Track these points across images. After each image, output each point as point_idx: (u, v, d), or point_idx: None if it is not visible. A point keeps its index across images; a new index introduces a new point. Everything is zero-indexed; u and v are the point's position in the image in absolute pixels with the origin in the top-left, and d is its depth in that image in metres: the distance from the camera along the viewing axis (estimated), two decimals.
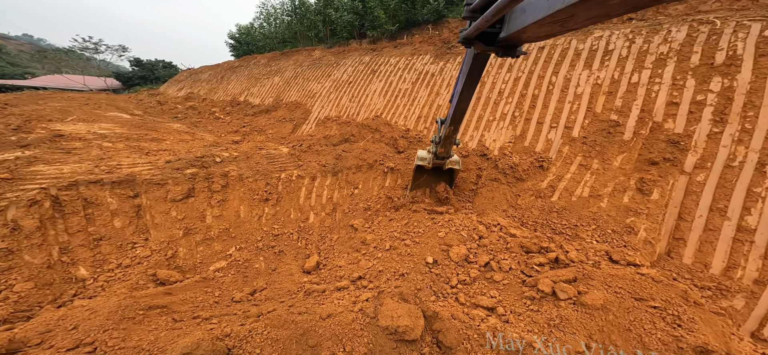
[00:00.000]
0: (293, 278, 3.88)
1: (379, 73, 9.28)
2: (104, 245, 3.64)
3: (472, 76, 2.36)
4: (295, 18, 17.55)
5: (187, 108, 12.95)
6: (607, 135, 4.54)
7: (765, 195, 3.35)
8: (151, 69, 35.72)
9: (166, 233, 3.89)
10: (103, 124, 6.86)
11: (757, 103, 3.72)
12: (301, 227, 5.01)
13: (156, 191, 4.01)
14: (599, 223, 3.83)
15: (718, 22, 4.47)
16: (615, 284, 2.51)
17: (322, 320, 2.60)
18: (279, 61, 14.83)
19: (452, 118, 3.22)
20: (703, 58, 4.34)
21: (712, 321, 2.23)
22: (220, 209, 4.44)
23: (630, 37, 5.20)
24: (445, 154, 4.16)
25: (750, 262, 3.21)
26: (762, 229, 3.25)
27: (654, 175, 3.94)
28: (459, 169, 4.63)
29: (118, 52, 35.21)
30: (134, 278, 3.43)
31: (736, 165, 3.61)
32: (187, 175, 4.31)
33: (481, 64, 2.21)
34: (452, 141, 3.81)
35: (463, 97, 2.70)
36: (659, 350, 2.02)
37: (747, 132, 3.67)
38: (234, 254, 4.21)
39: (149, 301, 2.75)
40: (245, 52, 22.03)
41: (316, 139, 7.33)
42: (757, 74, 3.84)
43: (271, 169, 5.45)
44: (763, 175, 3.42)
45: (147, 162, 4.48)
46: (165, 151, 5.32)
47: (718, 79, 4.09)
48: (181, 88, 21.10)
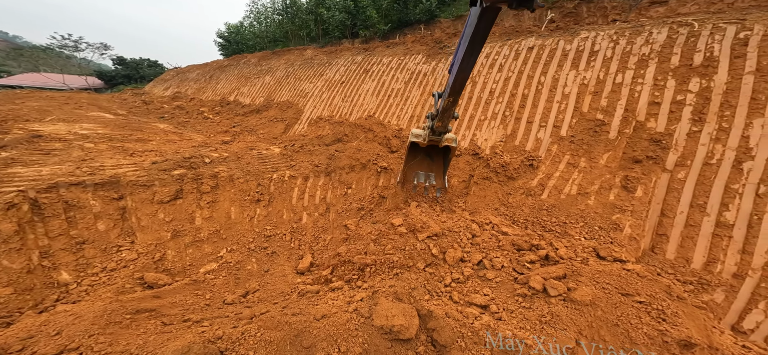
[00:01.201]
0: (286, 279, 3.84)
1: (372, 72, 9.28)
2: (88, 249, 3.51)
3: (475, 39, 2.08)
4: (287, 17, 17.37)
5: (174, 108, 12.61)
6: (594, 134, 4.68)
7: (742, 191, 3.52)
8: (136, 68, 34.64)
9: (153, 236, 3.79)
10: (85, 125, 6.61)
11: (733, 103, 3.91)
12: (294, 227, 4.97)
13: (142, 193, 3.89)
14: (587, 220, 3.94)
15: (696, 25, 4.67)
16: (602, 280, 2.58)
17: (317, 321, 2.58)
18: (270, 61, 14.63)
19: (452, 89, 2.95)
20: (683, 60, 4.52)
21: (695, 315, 2.32)
22: (210, 210, 4.35)
23: (614, 38, 5.38)
24: (442, 128, 3.86)
25: (729, 256, 3.36)
26: (739, 224, 3.41)
27: (638, 173, 4.09)
28: (455, 147, 4.36)
29: (99, 50, 34.01)
30: (120, 281, 3.32)
31: (714, 163, 3.78)
32: (174, 176, 4.21)
33: (486, 24, 1.93)
34: (451, 114, 3.53)
35: (464, 65, 2.44)
36: (646, 344, 2.09)
37: (724, 131, 3.85)
38: (225, 256, 4.14)
39: (137, 304, 2.67)
40: (235, 52, 21.65)
41: (309, 139, 7.27)
42: (733, 75, 4.03)
43: (263, 170, 5.37)
44: (740, 173, 3.59)
45: (132, 163, 4.34)
46: (151, 152, 5.17)
47: (696, 80, 4.28)
48: (168, 88, 20.55)
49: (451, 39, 8.62)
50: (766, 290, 3.10)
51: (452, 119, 3.73)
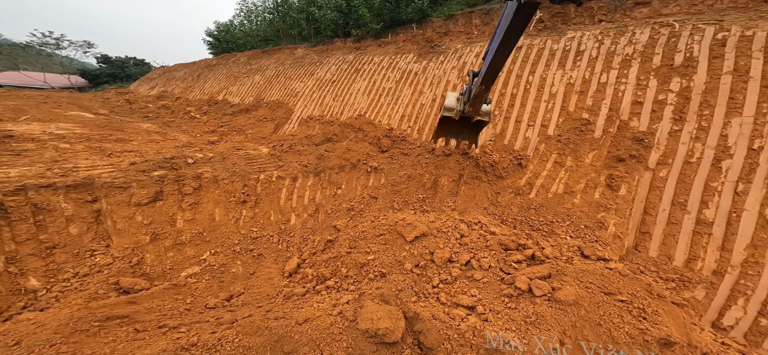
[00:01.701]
0: (273, 281, 3.76)
1: (363, 71, 9.22)
2: (58, 254, 3.34)
3: (510, 33, 2.00)
4: (278, 16, 17.15)
5: (159, 107, 12.27)
6: (580, 133, 4.73)
7: (721, 190, 3.60)
8: (121, 66, 33.70)
9: (130, 239, 3.63)
10: (62, 124, 6.34)
11: (712, 103, 4.00)
12: (281, 228, 4.87)
13: (118, 195, 3.73)
14: (573, 219, 3.97)
15: (676, 25, 4.78)
16: (586, 279, 2.59)
17: (299, 325, 2.51)
18: (260, 60, 14.40)
19: (484, 77, 2.97)
20: (664, 60, 4.62)
21: (675, 313, 2.34)
22: (192, 212, 4.21)
23: (599, 38, 5.46)
24: (473, 114, 3.88)
25: (709, 254, 3.42)
26: (719, 222, 3.49)
27: (621, 172, 4.14)
28: (488, 122, 4.27)
29: (83, 48, 32.93)
30: (93, 287, 3.17)
31: (694, 161, 3.86)
32: (154, 177, 4.05)
33: (523, 19, 1.82)
34: (482, 100, 3.55)
35: (498, 55, 2.40)
36: (627, 343, 2.09)
37: (703, 130, 3.94)
38: (208, 259, 4.02)
39: (108, 311, 2.54)
40: (224, 50, 21.27)
41: (298, 138, 7.16)
42: (712, 75, 4.13)
43: (250, 170, 5.25)
44: (719, 171, 3.68)
45: (108, 164, 4.16)
46: (131, 153, 4.98)
47: (677, 80, 4.37)
48: (154, 87, 20.03)
49: (442, 38, 8.63)
50: (744, 286, 3.17)
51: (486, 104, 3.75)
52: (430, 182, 5.45)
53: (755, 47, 3.97)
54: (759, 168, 3.47)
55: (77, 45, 32.60)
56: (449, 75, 7.17)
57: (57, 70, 38.05)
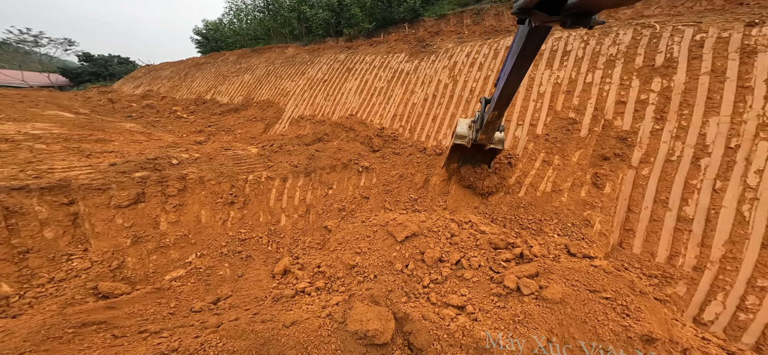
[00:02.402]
0: (261, 283, 3.69)
1: (355, 71, 9.17)
2: (32, 258, 3.18)
3: (524, 55, 1.97)
4: (268, 14, 16.92)
5: (143, 106, 11.90)
6: (567, 132, 4.81)
7: (700, 187, 3.71)
8: (104, 65, 32.62)
9: (109, 243, 3.50)
10: (39, 124, 6.07)
11: (691, 102, 4.13)
12: (271, 230, 4.79)
13: (96, 197, 3.58)
14: (560, 217, 4.03)
15: (657, 27, 4.92)
16: (572, 277, 2.62)
17: (286, 328, 2.46)
18: (250, 59, 14.16)
19: (497, 103, 2.87)
20: (646, 60, 4.75)
21: (657, 309, 2.39)
22: (176, 214, 4.08)
23: (585, 38, 5.58)
24: (485, 141, 3.77)
25: (689, 250, 3.53)
26: (698, 218, 3.60)
27: (606, 170, 4.23)
28: (501, 150, 4.16)
29: (63, 45, 31.70)
30: (70, 292, 3.04)
31: (674, 159, 3.98)
32: (135, 178, 3.91)
33: (537, 40, 1.81)
34: (495, 127, 3.44)
35: (512, 79, 2.34)
36: (612, 340, 2.12)
37: (683, 129, 4.06)
38: (194, 262, 3.92)
39: (84, 317, 2.43)
40: (213, 49, 20.87)
41: (288, 138, 7.06)
42: (691, 75, 4.27)
43: (238, 171, 5.14)
44: (698, 169, 3.80)
45: (86, 165, 3.99)
46: (111, 153, 4.80)
47: (658, 80, 4.50)
48: (138, 86, 19.46)
49: (433, 38, 8.67)
50: (723, 282, 3.27)
51: (498, 132, 3.63)
52: (422, 181, 5.46)
53: (731, 48, 4.12)
54: (736, 166, 3.60)
55: (57, 42, 31.37)
56: (440, 75, 7.21)
57: (36, 68, 36.50)
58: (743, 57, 3.99)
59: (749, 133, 3.63)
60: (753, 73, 3.85)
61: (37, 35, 29.90)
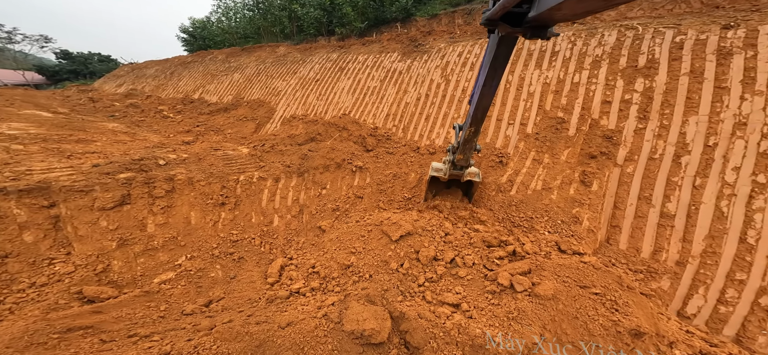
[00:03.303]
0: (255, 285, 3.64)
1: (347, 70, 9.13)
2: (12, 263, 3.04)
3: (496, 64, 2.09)
4: (258, 13, 16.63)
5: (126, 106, 11.48)
6: (555, 131, 4.93)
7: (681, 184, 3.87)
8: (84, 63, 31.34)
9: (94, 246, 3.37)
10: (15, 124, 5.78)
11: (671, 102, 4.30)
12: (264, 231, 4.73)
13: (78, 199, 3.44)
14: (551, 214, 4.13)
15: (640, 28, 5.10)
16: (563, 274, 2.68)
17: (282, 329, 2.43)
18: (239, 58, 13.89)
19: (473, 118, 2.83)
20: (629, 61, 4.92)
21: (643, 304, 2.47)
22: (164, 216, 3.97)
23: (572, 39, 5.73)
24: (463, 162, 3.68)
25: (672, 245, 3.67)
26: (680, 214, 3.75)
27: (593, 168, 4.36)
28: (479, 182, 4.06)
29: (39, 42, 30.27)
30: (53, 297, 2.92)
31: (657, 157, 4.13)
32: (120, 180, 3.77)
33: (507, 49, 1.95)
34: (473, 146, 3.37)
35: (486, 91, 2.40)
36: (602, 335, 2.18)
37: (665, 128, 4.23)
38: (184, 264, 3.83)
39: (69, 322, 2.34)
40: (200, 47, 20.37)
41: (280, 138, 6.96)
42: (671, 76, 4.45)
43: (228, 172, 5.03)
44: (679, 166, 3.96)
45: (68, 166, 3.83)
46: (94, 154, 4.61)
47: (641, 80, 4.66)
48: (121, 84, 18.78)
49: (426, 37, 8.71)
50: (704, 276, 3.41)
51: (474, 152, 3.54)
52: (416, 180, 5.49)
53: (709, 50, 4.31)
54: (714, 163, 3.77)
55: (33, 39, 29.94)
56: (433, 74, 7.26)
57: (10, 65, 34.70)
58: (720, 58, 4.19)
59: (726, 132, 3.81)
60: (729, 74, 4.05)
61: (10, 32, 28.46)
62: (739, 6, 4.83)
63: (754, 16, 4.34)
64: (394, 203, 5.21)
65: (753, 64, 3.95)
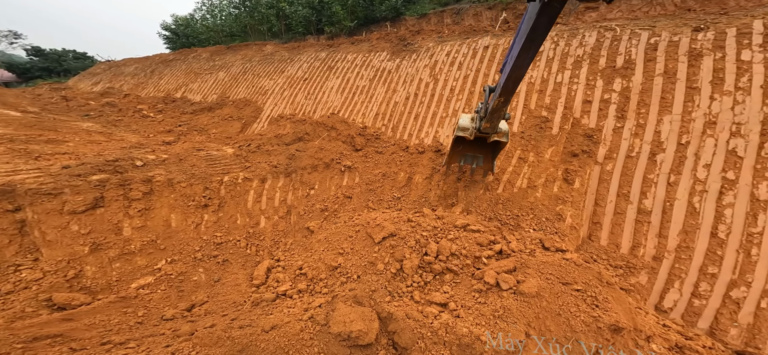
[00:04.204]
0: (240, 288, 3.54)
1: (337, 69, 9.05)
2: None
3: (534, 36, 1.90)
4: (244, 11, 16.25)
5: (103, 105, 10.95)
6: (540, 130, 5.05)
7: (656, 181, 4.03)
8: (58, 60, 29.78)
9: (64, 251, 3.19)
10: None
11: (647, 102, 4.48)
12: (250, 232, 4.62)
13: (46, 203, 3.25)
14: (536, 212, 4.21)
15: (618, 30, 5.29)
16: (547, 271, 2.72)
17: (266, 333, 2.37)
18: (224, 56, 13.53)
19: (503, 88, 2.74)
20: (608, 61, 5.09)
21: (622, 299, 2.54)
22: (142, 219, 3.80)
23: (555, 39, 5.88)
24: (490, 129, 3.58)
25: (649, 240, 3.80)
26: (656, 210, 3.90)
27: (575, 166, 4.49)
28: (506, 143, 3.89)
29: (8, 38, 28.55)
30: (19, 305, 2.75)
31: (634, 155, 4.29)
32: (92, 182, 3.59)
33: (548, 20, 1.75)
34: (501, 115, 3.29)
35: (520, 62, 2.25)
36: (583, 331, 2.22)
37: (641, 127, 4.40)
38: (164, 268, 3.69)
39: (36, 331, 2.21)
40: (183, 45, 19.72)
41: (267, 138, 6.81)
42: (647, 76, 4.63)
43: (212, 172, 4.88)
44: (654, 164, 4.13)
45: (34, 168, 3.61)
46: (65, 155, 4.37)
47: (619, 81, 4.83)
48: (98, 82, 17.95)
49: (415, 36, 8.74)
50: (679, 270, 3.55)
51: (504, 119, 3.45)
52: (405, 179, 5.49)
53: (681, 52, 4.52)
54: (687, 161, 3.95)
55: (1, 35, 28.19)
56: (422, 73, 7.28)
57: None
58: (691, 60, 4.39)
59: (697, 131, 4.00)
60: (699, 75, 4.25)
61: None
62: (709, 9, 5.08)
63: (722, 19, 4.58)
64: (384, 203, 5.20)
65: (721, 65, 4.16)
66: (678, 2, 5.69)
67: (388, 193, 5.34)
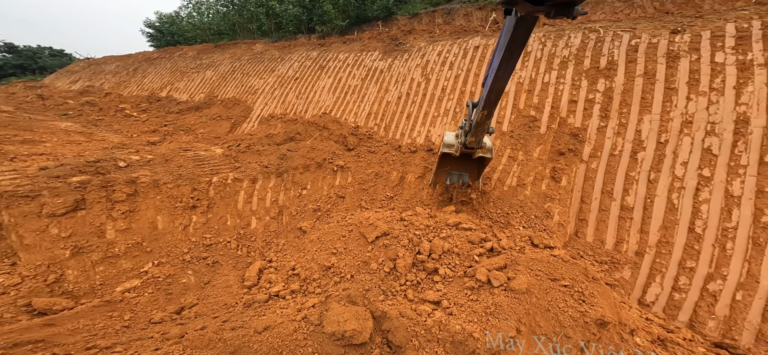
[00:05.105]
0: (231, 289, 3.49)
1: (328, 69, 8.98)
2: None
3: (512, 47, 1.96)
4: (233, 9, 15.91)
5: (82, 104, 10.49)
6: (528, 129, 5.17)
7: (638, 178, 4.20)
8: (33, 57, 28.40)
9: (43, 255, 3.06)
10: None
11: (628, 102, 4.66)
12: (240, 233, 4.54)
13: (23, 206, 3.10)
14: (525, 210, 4.32)
15: (601, 31, 5.47)
16: (536, 268, 2.79)
17: (258, 334, 2.34)
18: (212, 54, 13.21)
19: (486, 102, 2.76)
20: (592, 62, 5.26)
21: (607, 294, 2.62)
22: (126, 221, 3.68)
23: (542, 40, 6.03)
24: (475, 143, 3.64)
25: (631, 236, 3.95)
26: (637, 207, 4.05)
27: (562, 164, 4.62)
28: (490, 159, 4.02)
29: None
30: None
31: (617, 154, 4.46)
32: (72, 184, 3.45)
33: (525, 31, 1.82)
34: (485, 129, 3.35)
35: (501, 74, 2.29)
36: (571, 326, 2.28)
37: (623, 126, 4.57)
38: (151, 271, 3.59)
39: (16, 337, 2.12)
40: (168, 43, 19.15)
41: (257, 138, 6.71)
42: (628, 77, 4.81)
43: (200, 173, 4.77)
44: (636, 162, 4.29)
45: (10, 170, 3.44)
46: (42, 156, 4.17)
47: (602, 81, 5.00)
48: (76, 81, 17.21)
49: (406, 36, 8.78)
50: (660, 264, 3.69)
51: (487, 134, 3.51)
52: (398, 179, 5.52)
53: (659, 53, 4.72)
54: (665, 159, 4.13)
55: None
56: (413, 73, 7.32)
57: None
58: (669, 61, 4.59)
59: (675, 130, 4.18)
60: (677, 76, 4.45)
61: None
62: (686, 12, 5.32)
63: (697, 21, 4.81)
64: (377, 202, 5.20)
65: (697, 66, 4.37)
66: (657, 5, 5.94)
67: (380, 192, 5.35)
